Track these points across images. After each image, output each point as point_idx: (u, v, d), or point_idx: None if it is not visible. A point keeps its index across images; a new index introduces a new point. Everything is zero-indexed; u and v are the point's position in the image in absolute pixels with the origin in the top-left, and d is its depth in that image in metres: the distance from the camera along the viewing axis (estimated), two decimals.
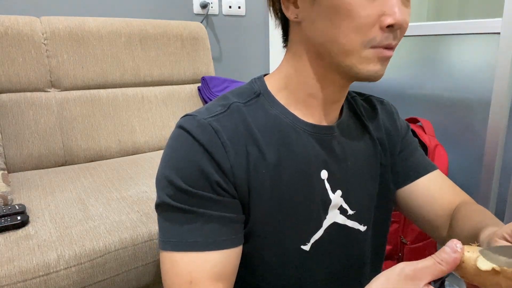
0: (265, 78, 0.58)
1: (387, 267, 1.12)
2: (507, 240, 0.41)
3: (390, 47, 0.49)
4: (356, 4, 0.46)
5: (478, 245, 0.36)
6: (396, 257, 1.26)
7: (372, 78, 0.51)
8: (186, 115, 0.53)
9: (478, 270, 0.33)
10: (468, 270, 0.34)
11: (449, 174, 1.25)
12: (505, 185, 1.20)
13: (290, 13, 0.52)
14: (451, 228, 0.60)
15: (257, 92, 0.56)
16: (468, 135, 1.32)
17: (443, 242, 0.63)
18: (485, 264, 0.33)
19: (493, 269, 0.33)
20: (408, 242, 1.24)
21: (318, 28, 0.50)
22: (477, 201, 0.64)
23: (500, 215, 1.22)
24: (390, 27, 0.47)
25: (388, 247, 1.25)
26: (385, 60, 0.49)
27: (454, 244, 0.35)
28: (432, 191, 0.65)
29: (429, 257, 0.36)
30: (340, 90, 0.55)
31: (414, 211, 0.66)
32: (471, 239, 0.49)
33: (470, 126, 1.32)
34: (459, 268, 0.35)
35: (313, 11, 0.49)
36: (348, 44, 0.48)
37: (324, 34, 0.49)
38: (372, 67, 0.49)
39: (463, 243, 0.36)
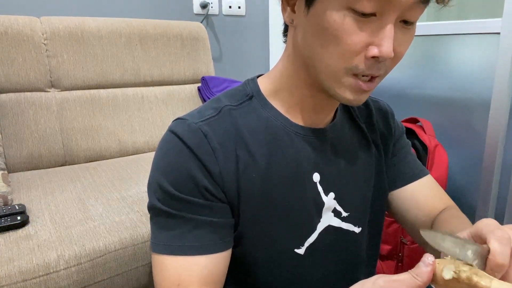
0: (259, 79, 0.58)
1: (387, 267, 1.13)
2: None
3: (373, 77, 0.47)
4: (343, 30, 0.43)
5: (450, 258, 0.38)
6: (396, 257, 1.26)
7: (348, 104, 0.51)
8: (178, 118, 0.53)
9: (444, 280, 0.35)
10: (439, 282, 0.36)
11: (449, 174, 1.25)
12: (505, 185, 1.20)
13: (286, 16, 0.51)
14: None
15: (249, 94, 0.56)
16: (468, 135, 1.32)
17: (424, 247, 0.64)
18: (447, 274, 0.35)
19: (454, 278, 0.35)
20: (408, 242, 1.23)
21: (307, 41, 0.49)
22: (477, 201, 0.64)
23: (500, 215, 1.22)
24: (375, 57, 0.45)
25: (388, 247, 1.25)
26: (362, 92, 0.48)
27: (427, 258, 0.36)
28: (419, 196, 0.66)
29: (406, 272, 0.37)
30: (330, 98, 0.54)
31: (401, 214, 0.67)
32: None
33: (470, 126, 1.32)
34: (433, 281, 0.37)
35: (306, 22, 0.48)
36: (332, 66, 0.47)
37: (311, 49, 0.48)
38: (348, 95, 0.48)
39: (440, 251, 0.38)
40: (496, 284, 0.33)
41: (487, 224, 0.39)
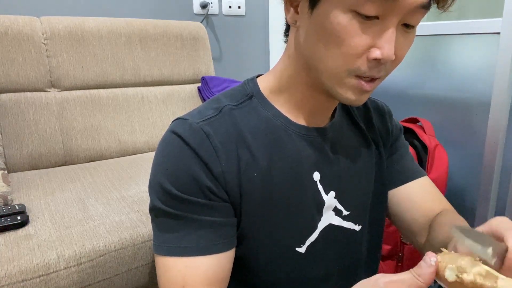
0: (259, 79, 0.58)
1: (387, 267, 1.13)
2: None
3: (374, 79, 0.48)
4: (346, 33, 0.44)
5: (452, 252, 0.37)
6: (396, 257, 1.26)
7: (350, 104, 0.51)
8: (178, 118, 0.53)
9: (448, 281, 0.35)
10: (443, 280, 0.35)
11: (449, 174, 1.25)
12: (505, 185, 1.20)
13: (289, 17, 0.51)
14: (428, 236, 0.61)
15: (249, 94, 0.56)
16: (468, 135, 1.32)
17: (420, 249, 0.64)
18: (450, 276, 0.34)
19: (456, 281, 0.34)
20: (408, 242, 1.23)
21: (309, 42, 0.49)
22: (477, 201, 0.64)
23: (500, 215, 1.22)
24: (377, 59, 0.45)
25: (388, 247, 1.25)
26: (364, 92, 0.49)
27: (429, 258, 0.36)
28: (416, 197, 0.66)
29: (407, 271, 0.36)
30: (329, 98, 0.54)
31: (396, 214, 0.67)
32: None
33: (470, 126, 1.32)
34: (437, 278, 0.36)
35: (309, 23, 0.48)
36: (334, 68, 0.47)
37: (314, 50, 0.48)
38: (350, 95, 0.49)
39: (438, 251, 0.37)
40: (502, 282, 0.32)
41: (502, 222, 0.39)
